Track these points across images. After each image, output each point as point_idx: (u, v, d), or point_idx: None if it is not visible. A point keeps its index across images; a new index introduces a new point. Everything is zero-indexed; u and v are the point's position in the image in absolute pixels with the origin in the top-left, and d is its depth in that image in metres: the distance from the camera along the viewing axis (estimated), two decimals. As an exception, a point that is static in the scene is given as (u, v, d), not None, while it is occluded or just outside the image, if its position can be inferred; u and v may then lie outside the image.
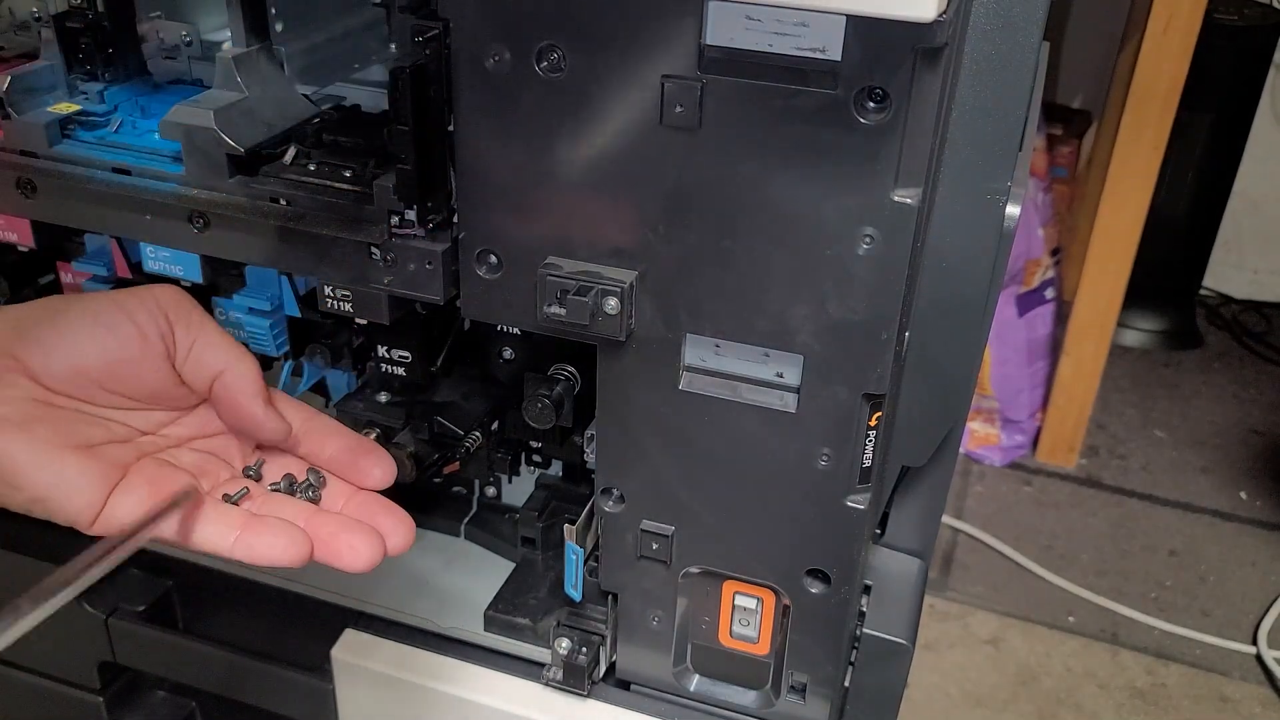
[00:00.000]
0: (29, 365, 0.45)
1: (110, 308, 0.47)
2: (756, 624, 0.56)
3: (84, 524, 0.45)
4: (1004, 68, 0.45)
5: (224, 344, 0.49)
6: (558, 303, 0.47)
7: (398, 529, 0.49)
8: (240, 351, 0.49)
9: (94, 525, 0.45)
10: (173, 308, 0.48)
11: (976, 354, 0.51)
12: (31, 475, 0.43)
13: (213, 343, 0.48)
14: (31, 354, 0.45)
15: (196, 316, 0.48)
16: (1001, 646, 1.60)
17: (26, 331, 0.45)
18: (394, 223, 0.49)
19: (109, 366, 0.47)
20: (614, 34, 0.42)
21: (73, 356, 0.46)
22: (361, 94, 0.60)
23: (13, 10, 0.58)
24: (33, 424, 0.44)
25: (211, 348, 0.48)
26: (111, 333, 0.46)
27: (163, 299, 0.48)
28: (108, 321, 0.47)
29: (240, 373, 0.49)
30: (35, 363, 0.45)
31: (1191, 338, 2.33)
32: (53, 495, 0.44)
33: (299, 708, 0.65)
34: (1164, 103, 1.66)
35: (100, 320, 0.47)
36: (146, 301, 0.47)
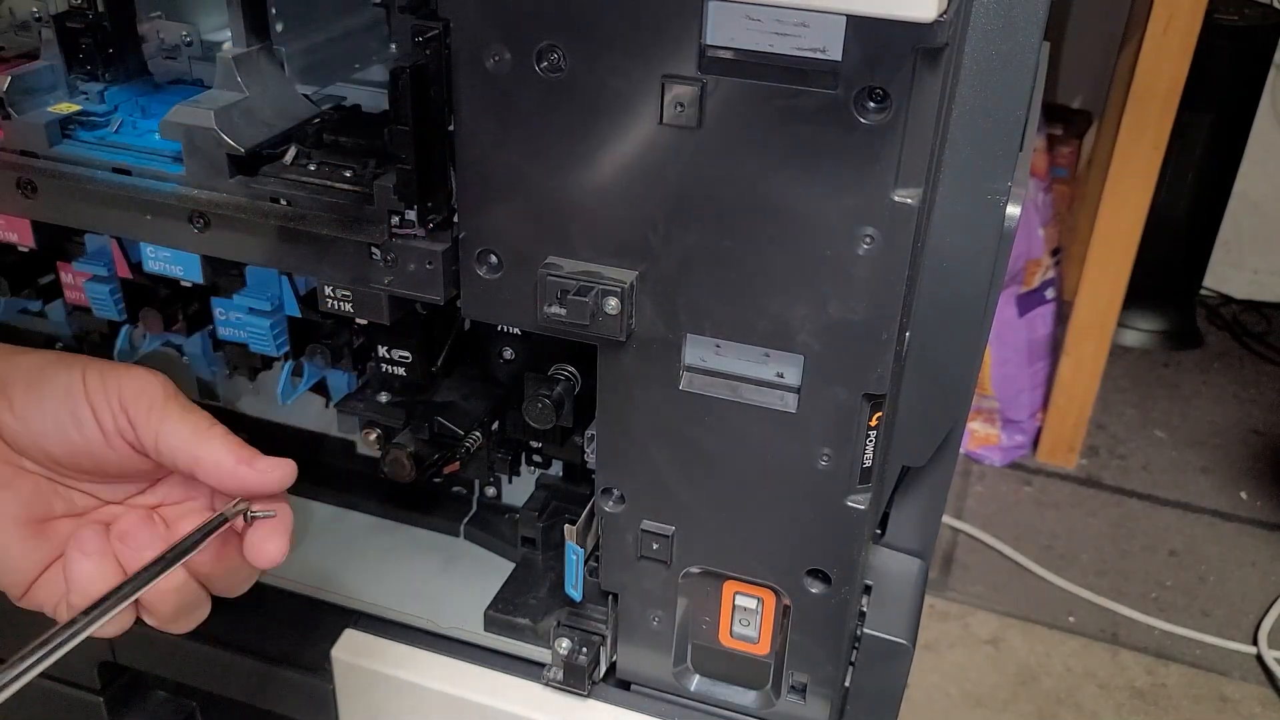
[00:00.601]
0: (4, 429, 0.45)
1: (79, 400, 0.46)
2: (756, 624, 0.56)
3: (14, 598, 0.46)
4: (1004, 68, 0.45)
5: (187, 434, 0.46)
6: (558, 303, 0.47)
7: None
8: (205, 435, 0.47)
9: (22, 600, 0.46)
10: (132, 404, 0.46)
11: (976, 354, 0.51)
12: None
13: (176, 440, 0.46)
14: (6, 420, 0.45)
15: (156, 414, 0.47)
16: (1001, 646, 1.60)
17: (8, 390, 0.45)
18: (394, 223, 0.49)
19: (73, 454, 0.46)
20: (614, 34, 0.43)
21: (39, 439, 0.46)
22: (361, 94, 0.60)
23: (13, 10, 0.58)
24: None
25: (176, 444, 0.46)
26: (77, 425, 0.46)
27: (126, 394, 0.46)
28: (74, 413, 0.46)
29: (212, 460, 0.47)
30: (8, 429, 0.45)
31: (1191, 338, 2.33)
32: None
33: (299, 708, 0.65)
34: (1164, 103, 1.67)
35: (67, 408, 0.46)
36: (111, 397, 0.46)
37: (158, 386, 0.47)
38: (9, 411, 0.45)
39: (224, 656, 0.65)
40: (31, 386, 0.46)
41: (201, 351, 0.69)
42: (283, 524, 0.48)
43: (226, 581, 0.49)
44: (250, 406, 0.73)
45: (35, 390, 0.45)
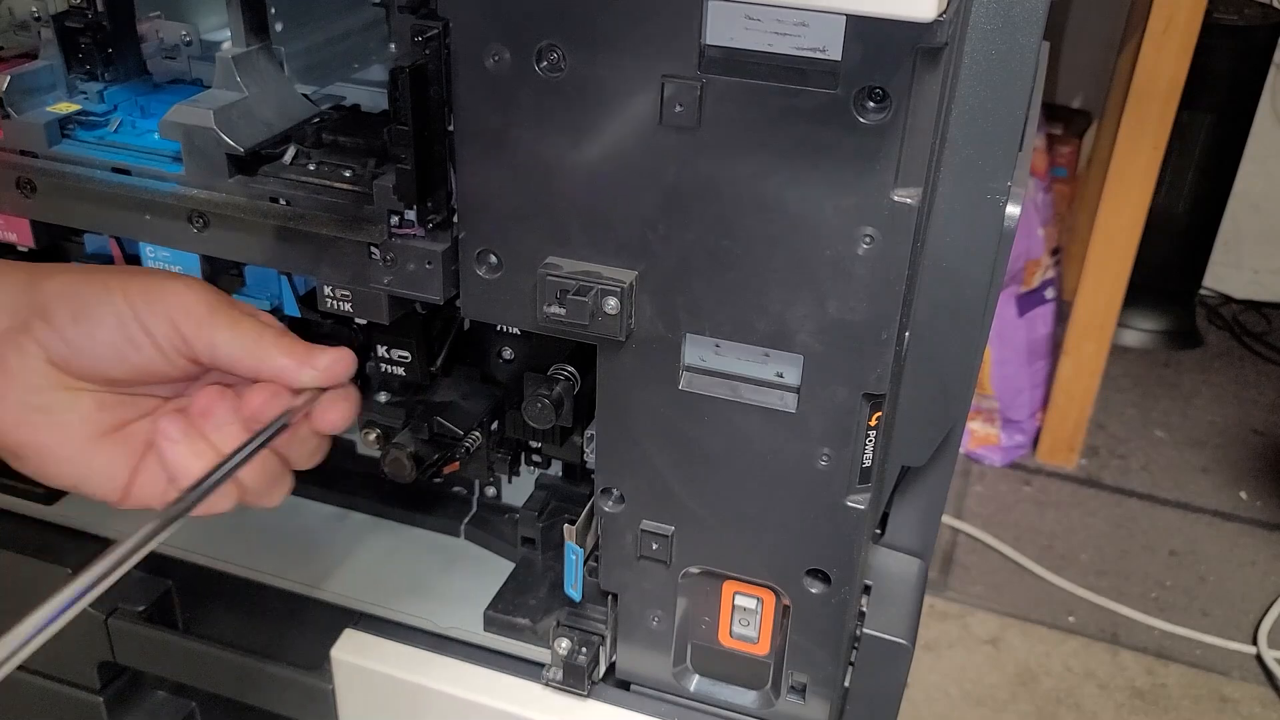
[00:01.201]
0: (53, 355, 0.45)
1: (131, 325, 0.46)
2: (756, 624, 0.56)
3: (113, 503, 0.47)
4: (1004, 68, 0.45)
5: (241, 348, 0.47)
6: (557, 303, 0.47)
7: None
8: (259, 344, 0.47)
9: (123, 502, 0.47)
10: (181, 321, 0.46)
11: (976, 354, 0.51)
12: (62, 467, 0.46)
13: (232, 354, 0.47)
14: (55, 347, 0.45)
15: (205, 329, 0.46)
16: (1001, 646, 1.60)
17: (52, 319, 0.45)
18: (394, 223, 0.49)
19: (131, 374, 0.47)
20: (614, 34, 0.42)
21: (96, 364, 0.46)
22: (361, 94, 0.60)
23: (12, 10, 0.58)
24: (60, 414, 0.46)
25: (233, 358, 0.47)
26: (134, 349, 0.46)
27: (173, 312, 0.46)
28: (129, 338, 0.46)
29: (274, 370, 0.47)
30: (58, 355, 0.45)
31: (1191, 338, 2.33)
32: (83, 484, 0.47)
33: (299, 708, 0.65)
34: (1164, 103, 1.67)
35: (121, 335, 0.46)
36: (159, 316, 0.46)
37: (201, 299, 0.47)
38: (59, 340, 0.45)
39: (224, 656, 0.65)
40: (78, 316, 0.45)
41: (201, 351, 0.69)
42: (346, 393, 0.49)
43: (300, 452, 0.49)
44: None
45: (83, 319, 0.45)
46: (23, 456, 0.46)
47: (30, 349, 0.45)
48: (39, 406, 0.45)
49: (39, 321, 0.45)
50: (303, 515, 0.71)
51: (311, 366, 0.47)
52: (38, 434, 0.46)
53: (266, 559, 0.67)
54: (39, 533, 0.69)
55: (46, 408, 0.46)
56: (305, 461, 0.50)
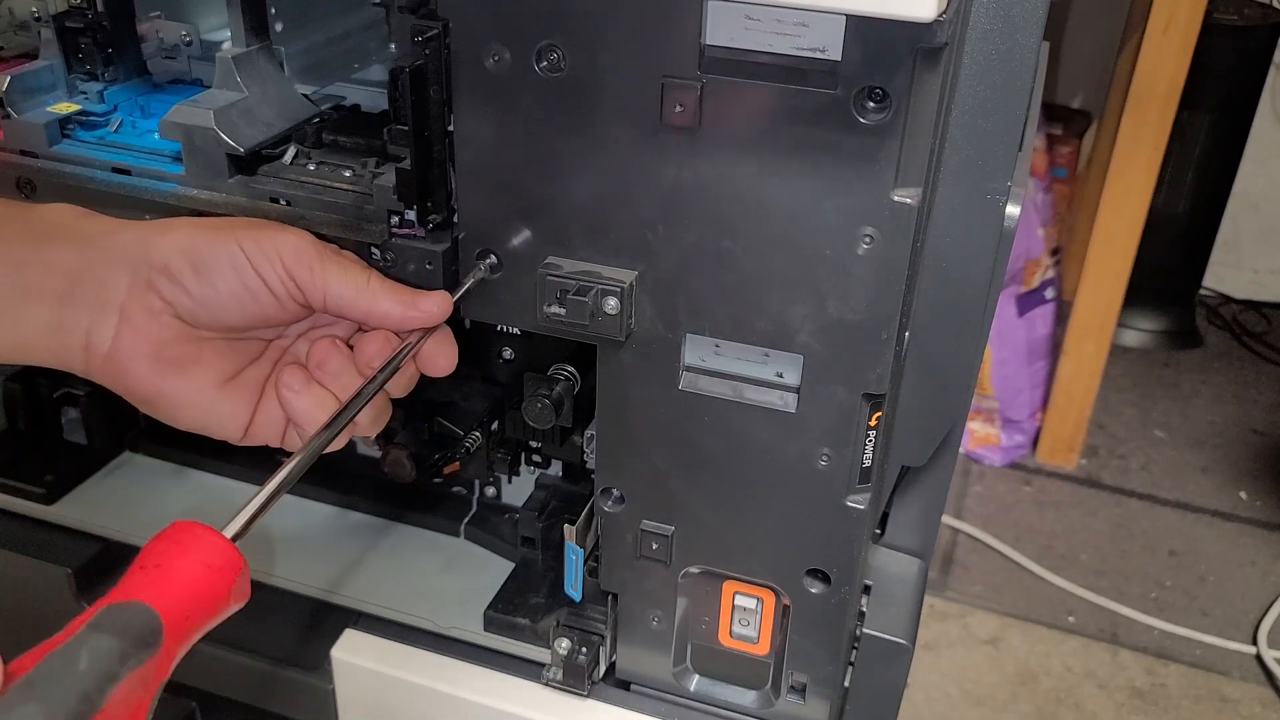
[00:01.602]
0: (180, 310, 0.48)
1: (249, 275, 0.48)
2: (756, 624, 0.56)
3: (235, 441, 0.52)
4: (1004, 68, 0.45)
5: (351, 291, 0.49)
6: (557, 303, 0.47)
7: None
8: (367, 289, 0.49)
9: (244, 440, 0.52)
10: (294, 267, 0.49)
11: (976, 354, 0.50)
12: (190, 412, 0.50)
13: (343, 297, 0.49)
14: (180, 301, 0.48)
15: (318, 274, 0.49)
16: (1001, 646, 1.60)
17: (175, 275, 0.48)
18: (394, 223, 0.49)
19: (251, 320, 0.50)
20: (614, 34, 0.42)
21: (219, 314, 0.49)
22: (361, 94, 0.60)
23: (13, 10, 0.58)
24: (188, 365, 0.49)
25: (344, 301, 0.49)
26: (254, 298, 0.49)
27: (286, 259, 0.49)
28: (249, 287, 0.48)
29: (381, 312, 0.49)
30: (183, 308, 0.48)
31: (1191, 338, 2.33)
32: (209, 426, 0.51)
33: (299, 708, 0.65)
34: (1164, 103, 1.67)
35: (242, 285, 0.48)
36: (274, 264, 0.48)
37: (310, 245, 0.49)
38: (186, 295, 0.48)
39: (224, 656, 0.65)
40: (200, 269, 0.48)
41: (201, 351, 0.69)
42: (447, 336, 0.52)
43: (399, 386, 0.53)
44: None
45: (205, 273, 0.48)
46: (156, 404, 0.50)
47: (157, 305, 0.48)
48: (170, 359, 0.49)
49: (162, 278, 0.48)
50: (303, 515, 0.71)
51: (416, 309, 0.50)
52: (170, 384, 0.49)
53: (268, 559, 0.67)
54: (39, 533, 0.69)
55: (177, 360, 0.49)
56: (402, 393, 0.54)
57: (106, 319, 0.48)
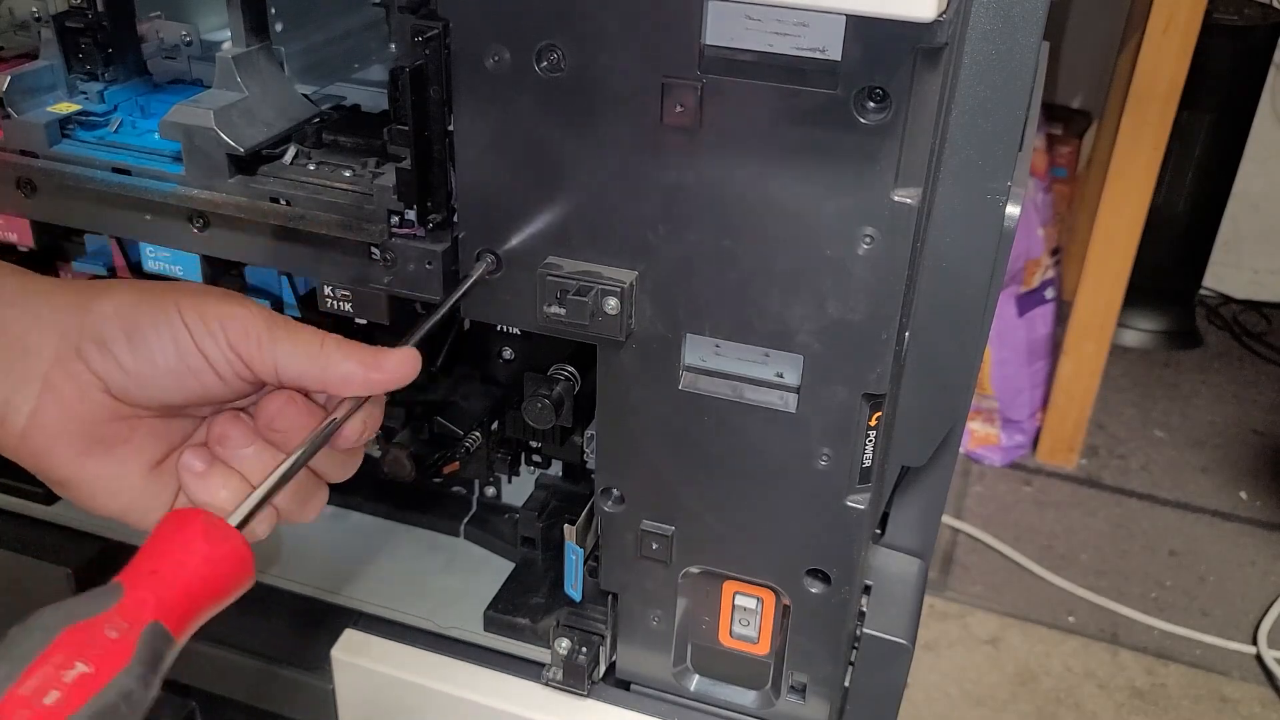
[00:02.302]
0: (111, 384, 0.44)
1: (190, 352, 0.44)
2: (756, 624, 0.56)
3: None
4: (1004, 68, 0.45)
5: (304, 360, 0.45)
6: (558, 303, 0.47)
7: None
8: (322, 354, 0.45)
9: None
10: (240, 343, 0.45)
11: (976, 354, 0.51)
12: (109, 499, 0.46)
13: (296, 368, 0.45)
14: (111, 375, 0.44)
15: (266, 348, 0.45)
16: (1001, 646, 1.60)
17: (108, 345, 0.44)
18: (394, 223, 0.49)
19: (190, 399, 0.46)
20: (614, 34, 0.42)
21: (154, 392, 0.45)
22: (361, 94, 0.60)
23: (13, 10, 0.58)
24: (114, 447, 0.45)
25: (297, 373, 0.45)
26: (195, 375, 0.45)
27: (231, 334, 0.45)
28: (189, 364, 0.44)
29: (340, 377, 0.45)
30: (116, 384, 0.44)
31: (1191, 338, 2.33)
32: (129, 513, 0.46)
33: (299, 708, 0.65)
34: (1164, 103, 1.67)
35: (180, 362, 0.44)
36: (218, 339, 0.44)
37: (258, 318, 0.45)
38: (118, 369, 0.44)
39: (224, 656, 0.65)
40: (135, 342, 0.44)
41: (201, 351, 0.69)
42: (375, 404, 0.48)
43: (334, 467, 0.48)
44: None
45: (141, 346, 0.44)
46: (72, 487, 0.45)
47: (85, 378, 0.43)
48: (97, 438, 0.44)
49: (93, 347, 0.44)
50: (303, 515, 0.71)
51: (379, 370, 0.46)
52: (92, 467, 0.44)
53: (267, 559, 0.67)
54: (39, 533, 0.69)
55: (104, 440, 0.44)
56: (338, 473, 0.49)
57: (25, 389, 0.43)
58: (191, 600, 0.41)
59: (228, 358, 0.44)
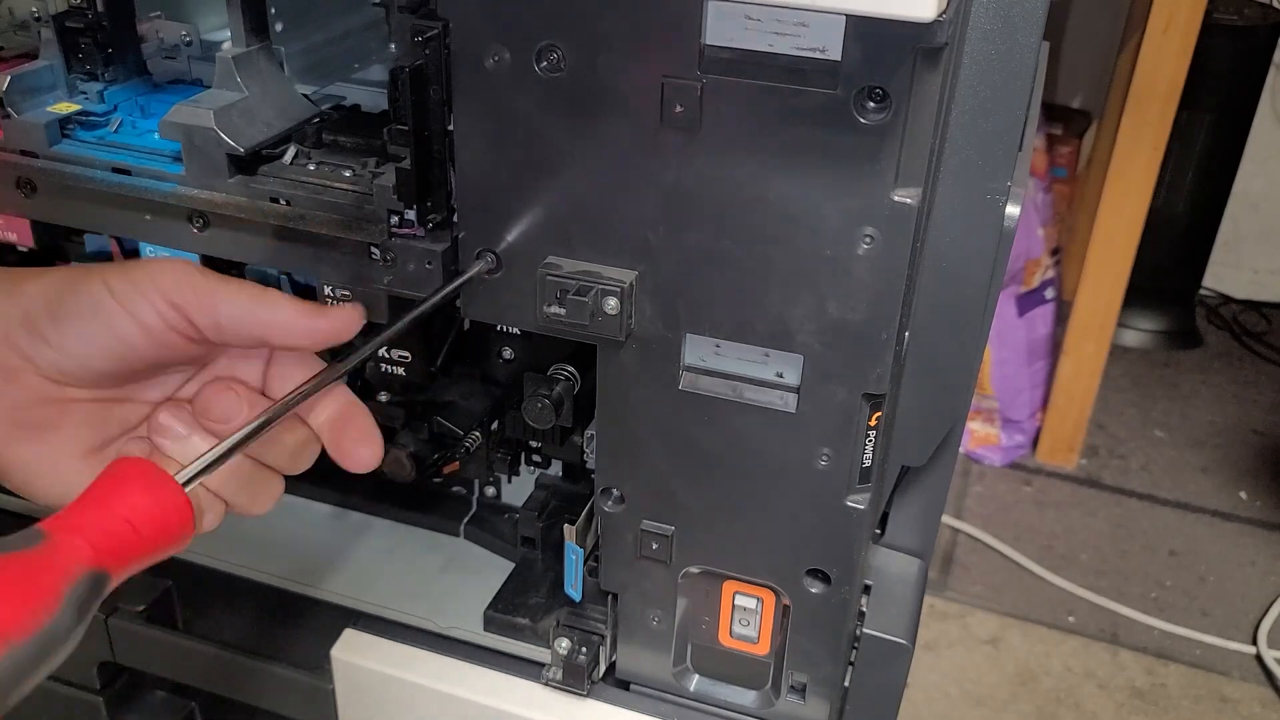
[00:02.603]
0: (38, 363, 0.44)
1: (113, 311, 0.44)
2: (756, 624, 0.56)
3: None
4: (1004, 68, 0.45)
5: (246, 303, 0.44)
6: (557, 303, 0.47)
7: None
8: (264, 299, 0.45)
9: None
10: (175, 293, 0.44)
11: (976, 354, 0.51)
12: (46, 487, 0.45)
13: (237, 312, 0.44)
14: (39, 351, 0.43)
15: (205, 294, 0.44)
16: (1001, 646, 1.60)
17: (33, 324, 0.43)
18: (394, 223, 0.49)
19: (121, 365, 0.45)
20: (614, 34, 0.42)
21: (84, 361, 0.44)
22: (361, 94, 0.60)
23: (13, 10, 0.58)
24: (47, 431, 0.44)
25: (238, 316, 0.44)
26: (119, 337, 0.44)
27: (165, 286, 0.44)
28: (111, 326, 0.44)
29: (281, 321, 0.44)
30: (43, 361, 0.44)
31: (1191, 338, 2.33)
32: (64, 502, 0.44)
33: (299, 708, 0.65)
34: (1164, 103, 1.67)
35: (103, 324, 0.44)
36: (149, 295, 0.44)
37: (193, 269, 0.44)
38: (44, 344, 0.43)
39: (224, 656, 0.65)
40: (57, 314, 0.43)
41: (201, 351, 0.69)
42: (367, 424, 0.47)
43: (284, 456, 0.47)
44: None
45: (63, 316, 0.43)
46: (9, 473, 0.45)
47: (14, 361, 0.43)
48: (28, 423, 0.44)
49: (20, 329, 0.43)
50: (302, 515, 0.71)
51: (321, 317, 0.45)
52: (26, 450, 0.44)
53: (266, 559, 0.67)
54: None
55: (36, 424, 0.44)
56: (290, 465, 0.48)
57: None
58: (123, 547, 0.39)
59: (159, 310, 0.43)
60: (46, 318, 0.43)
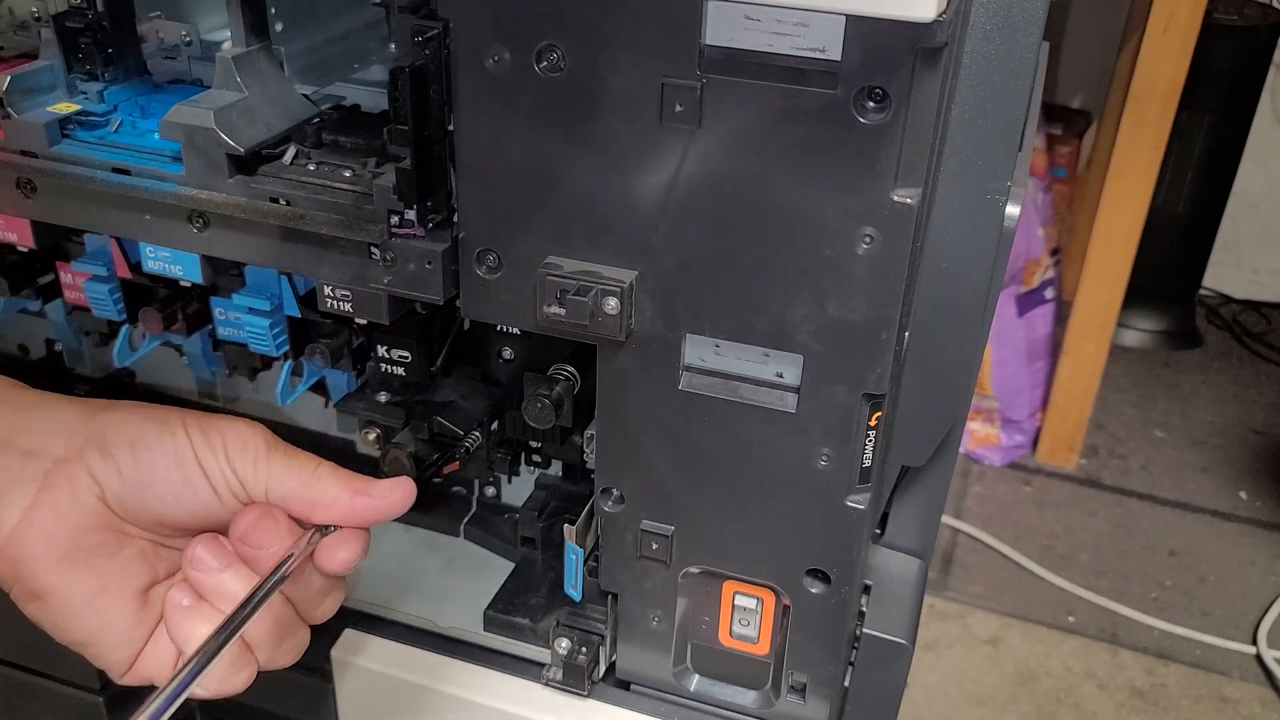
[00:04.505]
0: (108, 492, 0.43)
1: (190, 463, 0.44)
2: (756, 624, 0.56)
3: (117, 675, 0.45)
4: (1004, 68, 0.45)
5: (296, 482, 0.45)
6: (557, 303, 0.47)
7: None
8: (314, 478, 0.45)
9: (126, 677, 0.45)
10: (237, 459, 0.45)
11: (976, 354, 0.51)
12: (85, 619, 0.43)
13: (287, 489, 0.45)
14: (110, 481, 0.43)
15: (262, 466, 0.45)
16: (1001, 646, 1.60)
17: (110, 451, 0.43)
18: (394, 223, 0.49)
19: (185, 517, 0.45)
20: (614, 34, 0.42)
21: (151, 504, 0.44)
22: (361, 94, 0.60)
23: (13, 10, 0.58)
24: (100, 559, 0.43)
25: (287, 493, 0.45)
26: (192, 489, 0.44)
27: (230, 449, 0.45)
28: (188, 476, 0.44)
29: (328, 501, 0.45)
30: (113, 491, 0.43)
31: (1191, 338, 2.33)
32: (94, 643, 0.44)
33: (299, 708, 0.65)
34: (1164, 103, 1.67)
35: (180, 473, 0.44)
36: (218, 454, 0.44)
37: (259, 437, 0.45)
38: (118, 477, 0.43)
39: (224, 656, 0.65)
40: (137, 451, 0.43)
41: (201, 351, 0.69)
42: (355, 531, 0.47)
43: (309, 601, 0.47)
44: (249, 406, 0.73)
45: (143, 455, 0.43)
46: (46, 603, 0.43)
47: (84, 482, 0.43)
48: (84, 547, 0.43)
49: (95, 453, 0.43)
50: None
51: (368, 496, 0.46)
52: (71, 578, 0.42)
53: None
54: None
55: (91, 550, 0.43)
56: (318, 613, 0.48)
57: (23, 488, 0.42)
58: None
59: (225, 474, 0.44)
60: (126, 449, 0.43)
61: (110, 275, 0.63)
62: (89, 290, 0.64)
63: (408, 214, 0.49)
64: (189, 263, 0.58)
